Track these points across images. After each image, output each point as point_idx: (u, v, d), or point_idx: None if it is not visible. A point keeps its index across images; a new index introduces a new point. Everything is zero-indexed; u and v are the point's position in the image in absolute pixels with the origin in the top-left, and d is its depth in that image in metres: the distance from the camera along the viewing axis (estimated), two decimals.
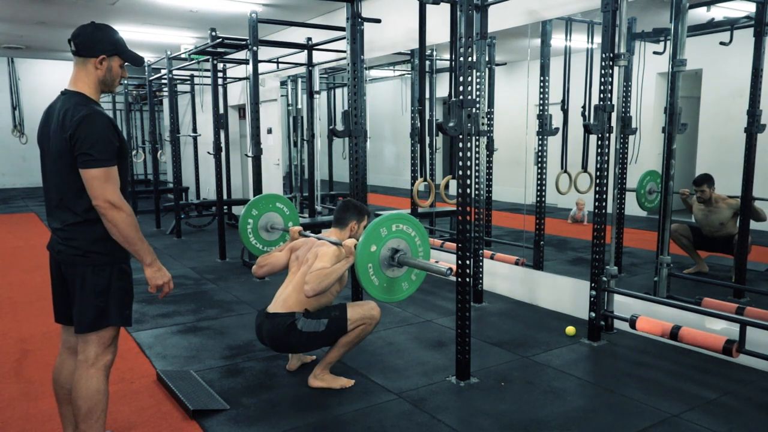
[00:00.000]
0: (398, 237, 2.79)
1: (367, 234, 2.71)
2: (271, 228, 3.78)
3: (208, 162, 7.86)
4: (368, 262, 2.71)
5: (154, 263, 2.14)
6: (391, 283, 2.82)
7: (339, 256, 2.89)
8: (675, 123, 3.80)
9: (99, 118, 2.01)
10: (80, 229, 2.07)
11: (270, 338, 2.95)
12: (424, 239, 2.90)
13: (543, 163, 4.75)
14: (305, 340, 2.91)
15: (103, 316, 2.10)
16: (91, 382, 2.10)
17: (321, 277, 2.77)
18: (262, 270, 3.23)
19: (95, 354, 2.12)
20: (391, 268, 2.79)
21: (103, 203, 1.98)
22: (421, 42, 3.61)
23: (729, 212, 4.44)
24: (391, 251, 2.77)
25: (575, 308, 4.13)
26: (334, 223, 3.15)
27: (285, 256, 3.21)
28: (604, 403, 2.88)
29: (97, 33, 2.10)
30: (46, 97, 11.53)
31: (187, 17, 7.21)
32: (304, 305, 2.94)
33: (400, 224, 2.80)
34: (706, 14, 4.18)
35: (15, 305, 4.55)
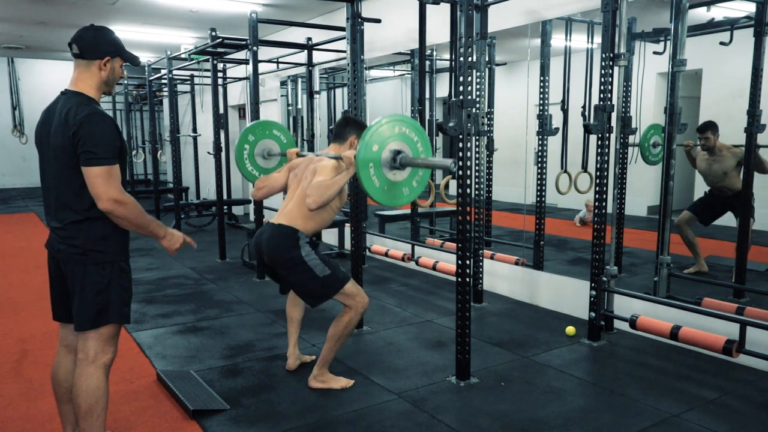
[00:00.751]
0: (400, 140, 2.72)
1: (369, 134, 2.63)
2: (268, 155, 3.68)
3: (208, 162, 7.87)
4: (369, 161, 2.63)
5: (167, 234, 2.24)
6: (392, 186, 2.74)
7: (339, 168, 2.84)
8: (675, 123, 3.80)
9: (102, 118, 2.04)
10: (81, 228, 2.09)
11: (268, 242, 2.89)
12: (426, 145, 2.81)
13: (543, 163, 4.75)
14: (300, 269, 2.84)
15: (103, 314, 2.12)
16: (91, 380, 2.12)
17: (322, 188, 2.72)
18: (261, 192, 3.19)
19: (95, 352, 2.13)
20: (392, 171, 2.72)
21: (108, 201, 2.01)
22: (421, 42, 3.61)
23: (733, 161, 4.38)
24: (392, 153, 2.69)
25: (575, 308, 4.13)
26: (334, 139, 3.10)
27: (283, 177, 3.16)
28: (604, 403, 2.88)
29: (99, 35, 2.14)
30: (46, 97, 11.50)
31: (187, 17, 7.21)
32: (307, 221, 2.90)
33: (403, 126, 2.72)
34: (706, 14, 4.18)
35: (15, 305, 4.55)
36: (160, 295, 4.81)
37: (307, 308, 3.35)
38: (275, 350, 3.56)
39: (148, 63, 8.15)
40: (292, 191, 3.06)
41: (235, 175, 9.09)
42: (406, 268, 5.68)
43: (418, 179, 2.86)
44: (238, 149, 3.60)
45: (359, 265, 3.96)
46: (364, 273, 4.50)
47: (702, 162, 4.61)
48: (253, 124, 3.71)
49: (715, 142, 4.46)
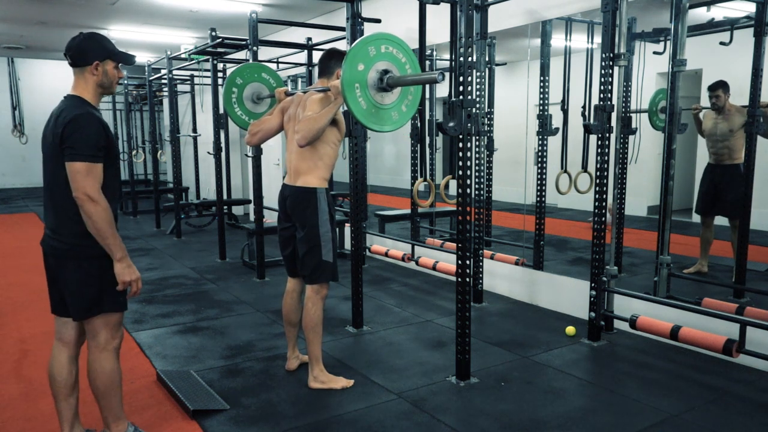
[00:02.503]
0: (388, 60, 2.62)
1: (354, 51, 2.53)
2: (257, 99, 3.59)
3: (208, 162, 7.87)
4: (355, 81, 2.53)
5: (124, 260, 2.22)
6: (379, 109, 2.65)
7: (327, 100, 2.80)
8: (675, 123, 3.80)
9: (88, 118, 2.14)
10: (71, 224, 2.18)
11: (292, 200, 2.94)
12: (414, 65, 2.73)
13: (543, 163, 4.75)
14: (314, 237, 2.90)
15: (97, 304, 2.23)
16: (104, 363, 2.27)
17: (311, 122, 2.68)
18: (256, 137, 3.15)
19: (105, 339, 2.27)
20: (380, 93, 2.63)
21: (82, 195, 2.09)
22: (421, 42, 3.61)
23: (740, 119, 4.34)
24: (379, 73, 2.59)
25: (575, 308, 4.13)
26: (320, 74, 3.03)
27: (277, 119, 3.11)
28: (604, 403, 2.88)
29: (85, 42, 2.23)
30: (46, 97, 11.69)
31: (187, 17, 7.21)
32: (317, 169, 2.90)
33: (390, 46, 2.62)
34: (706, 14, 4.18)
35: (15, 305, 4.55)
36: (160, 295, 4.81)
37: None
38: (275, 350, 3.56)
39: (148, 63, 8.15)
40: (290, 140, 3.02)
41: (235, 175, 9.11)
42: (406, 268, 5.68)
43: (407, 103, 2.76)
44: (225, 93, 3.49)
45: (359, 265, 3.96)
46: (364, 273, 4.51)
47: (708, 122, 4.56)
48: (240, 66, 3.59)
49: (725, 101, 4.42)
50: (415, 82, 2.70)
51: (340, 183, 8.69)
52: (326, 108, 2.74)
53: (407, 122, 2.83)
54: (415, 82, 2.70)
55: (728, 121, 4.45)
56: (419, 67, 2.80)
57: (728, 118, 4.44)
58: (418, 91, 2.81)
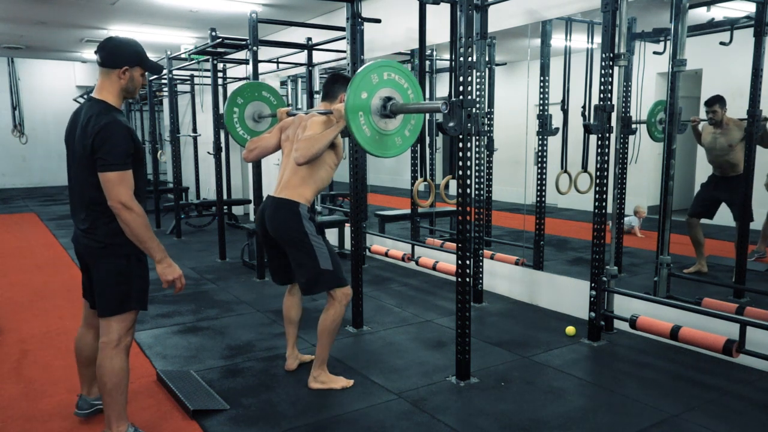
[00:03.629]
0: (390, 86, 2.65)
1: (357, 80, 2.56)
2: (258, 117, 3.62)
3: (208, 162, 7.87)
4: (359, 109, 2.57)
5: (164, 260, 2.31)
6: (382, 136, 2.68)
7: (329, 123, 2.80)
8: (675, 123, 3.80)
9: (118, 127, 2.20)
10: (100, 224, 2.28)
11: (271, 218, 2.89)
12: (417, 91, 2.76)
13: (543, 163, 4.75)
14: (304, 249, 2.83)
15: (125, 302, 2.32)
16: (115, 361, 2.32)
17: (311, 142, 2.68)
18: (252, 153, 3.14)
19: (118, 337, 2.33)
20: (383, 119, 2.66)
21: (117, 204, 2.17)
22: (421, 42, 3.61)
23: (739, 133, 4.37)
24: (383, 100, 2.63)
25: (575, 308, 4.12)
26: (324, 98, 3.05)
27: (275, 137, 3.11)
28: (604, 403, 2.88)
29: (120, 46, 2.30)
30: (46, 97, 11.65)
31: (187, 17, 7.21)
32: (306, 186, 2.88)
33: (392, 73, 2.65)
34: (706, 14, 4.18)
35: (15, 305, 4.55)
36: (160, 295, 4.81)
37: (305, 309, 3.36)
38: (275, 350, 3.56)
39: None
40: (286, 156, 3.01)
41: (235, 175, 9.11)
42: (406, 268, 5.68)
43: (410, 128, 2.78)
44: (227, 113, 3.52)
45: (359, 265, 3.96)
46: (364, 273, 4.50)
47: (707, 136, 4.57)
48: (241, 85, 3.63)
49: (722, 116, 4.44)
50: (419, 111, 2.73)
51: (340, 183, 8.70)
52: (328, 130, 2.76)
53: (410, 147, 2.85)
54: (418, 111, 2.73)
55: (727, 135, 4.47)
56: (421, 92, 2.82)
57: (727, 133, 4.46)
58: (420, 115, 2.82)
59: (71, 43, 9.26)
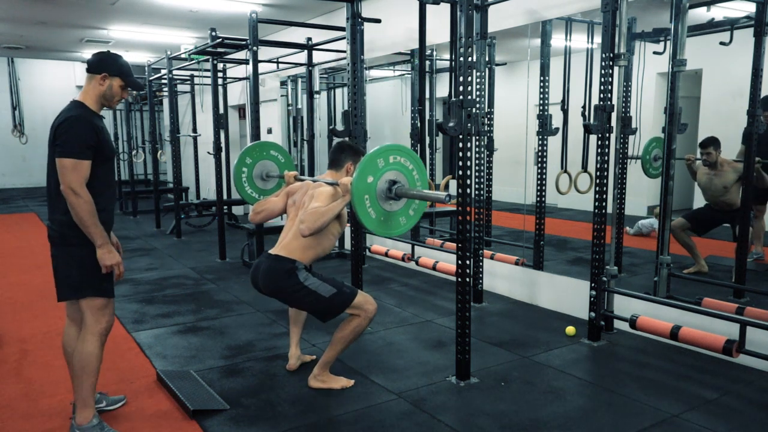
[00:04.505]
0: (396, 169, 2.71)
1: (363, 165, 2.63)
2: (266, 176, 3.69)
3: (208, 162, 7.87)
4: (365, 193, 2.63)
5: (104, 246, 2.40)
6: (388, 216, 2.74)
7: (335, 195, 2.84)
8: (675, 123, 3.80)
9: (79, 120, 2.35)
10: (57, 215, 2.41)
11: (264, 276, 2.89)
12: (422, 172, 2.82)
13: (543, 163, 4.75)
14: (303, 294, 2.83)
15: (79, 288, 2.45)
16: (86, 345, 2.45)
17: (317, 215, 2.71)
18: (259, 216, 3.19)
19: (89, 322, 2.47)
20: (388, 201, 2.71)
21: (66, 188, 2.31)
22: (421, 42, 3.61)
23: (734, 175, 4.39)
24: (388, 183, 2.69)
25: (575, 308, 4.12)
26: (330, 165, 3.11)
27: (281, 201, 3.16)
28: (604, 403, 2.88)
29: (107, 57, 2.50)
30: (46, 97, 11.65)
31: (187, 17, 7.21)
32: (306, 251, 2.90)
33: (398, 156, 2.71)
34: (706, 14, 4.18)
35: (15, 305, 4.55)
36: (160, 295, 4.81)
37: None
38: (275, 350, 3.56)
39: (148, 63, 8.15)
40: (290, 220, 3.07)
41: None
42: (406, 268, 5.67)
43: (414, 207, 2.87)
44: (236, 172, 3.63)
45: (359, 265, 3.96)
46: (364, 273, 4.50)
47: (702, 176, 4.61)
48: (249, 146, 3.72)
49: (717, 158, 4.48)
50: (423, 198, 2.78)
51: None
52: (334, 203, 2.78)
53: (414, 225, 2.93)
54: (422, 198, 2.78)
55: (721, 177, 4.49)
56: (425, 172, 2.88)
57: (721, 175, 4.49)
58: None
59: (71, 43, 9.26)
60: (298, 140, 7.31)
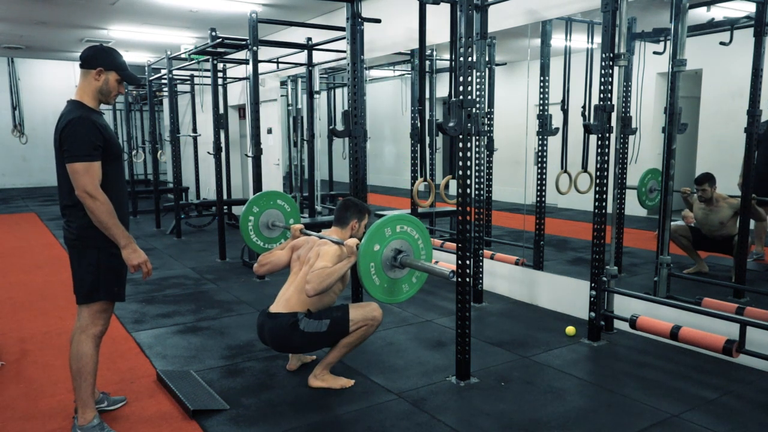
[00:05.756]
0: (401, 238, 2.80)
1: (371, 233, 2.71)
2: (272, 225, 3.80)
3: (208, 162, 7.87)
4: (371, 261, 2.72)
5: (129, 245, 2.41)
6: (392, 284, 2.83)
7: (341, 255, 2.89)
8: (675, 123, 3.80)
9: (82, 121, 2.33)
10: (75, 216, 2.39)
11: (272, 338, 2.95)
12: (427, 242, 2.91)
13: (543, 163, 4.75)
14: (307, 340, 2.91)
15: (94, 292, 2.44)
16: (81, 346, 2.45)
17: (323, 276, 2.76)
18: (264, 269, 3.23)
19: (86, 323, 2.46)
20: (393, 270, 2.81)
21: (82, 193, 2.30)
22: (421, 42, 3.60)
23: (729, 212, 4.43)
24: (394, 252, 2.78)
25: (575, 308, 4.13)
26: (335, 223, 3.16)
27: (286, 255, 3.21)
28: (604, 403, 2.88)
29: (99, 50, 2.45)
30: (46, 97, 11.63)
31: (187, 17, 7.21)
32: (306, 305, 2.94)
33: (404, 225, 2.81)
34: (706, 14, 4.18)
35: (15, 305, 4.55)
36: (160, 295, 4.81)
37: None
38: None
39: (148, 63, 8.15)
40: (294, 274, 3.09)
41: (235, 175, 9.10)
42: None
43: (417, 275, 2.94)
44: (243, 221, 3.72)
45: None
46: None
47: (699, 211, 4.63)
48: (257, 195, 3.81)
49: (712, 194, 4.49)
50: (426, 271, 2.82)
51: (340, 183, 8.71)
52: (339, 264, 2.83)
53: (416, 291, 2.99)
54: (426, 271, 2.82)
55: (717, 213, 4.50)
56: (430, 242, 2.95)
57: (717, 211, 4.50)
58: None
59: (71, 43, 9.26)
60: (298, 140, 7.30)
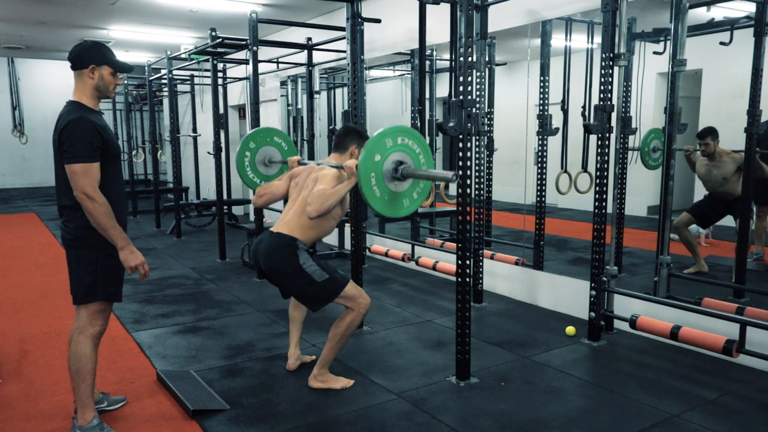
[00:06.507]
0: (402, 150, 2.74)
1: (372, 143, 2.66)
2: (269, 162, 3.70)
3: (208, 162, 7.87)
4: (371, 171, 2.66)
5: (127, 247, 2.41)
6: (393, 197, 2.77)
7: (340, 177, 2.86)
8: (675, 123, 3.80)
9: (81, 122, 2.32)
10: (73, 216, 2.39)
11: (265, 254, 2.89)
12: (428, 156, 2.85)
13: (543, 163, 4.75)
14: (296, 276, 2.84)
15: (91, 292, 2.43)
16: (79, 346, 2.45)
17: (323, 197, 2.73)
18: (262, 199, 3.20)
19: (84, 324, 2.47)
20: (394, 182, 2.75)
21: (81, 194, 2.29)
22: (421, 42, 3.61)
23: (732, 166, 4.38)
24: (395, 164, 2.72)
25: (575, 308, 4.12)
26: (335, 148, 3.12)
27: (284, 184, 3.17)
28: (604, 403, 2.88)
29: (85, 48, 2.43)
30: (46, 97, 11.64)
31: (187, 17, 7.21)
32: (307, 231, 2.91)
33: (405, 138, 2.75)
34: (706, 14, 4.18)
35: (15, 305, 4.55)
36: (160, 295, 4.81)
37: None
38: (275, 350, 3.56)
39: (148, 63, 8.15)
40: (292, 200, 3.07)
41: (235, 175, 9.08)
42: (406, 268, 5.68)
43: (419, 191, 2.90)
44: (239, 157, 3.62)
45: (359, 265, 3.96)
46: (364, 273, 4.50)
47: (701, 167, 4.60)
48: (253, 131, 3.71)
49: (715, 148, 4.45)
50: (429, 178, 2.81)
51: None
52: (340, 186, 2.80)
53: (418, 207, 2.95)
54: (428, 178, 2.81)
55: (720, 168, 4.47)
56: (431, 155, 2.90)
57: (720, 166, 4.47)
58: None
59: (71, 43, 9.20)
60: (298, 140, 7.31)
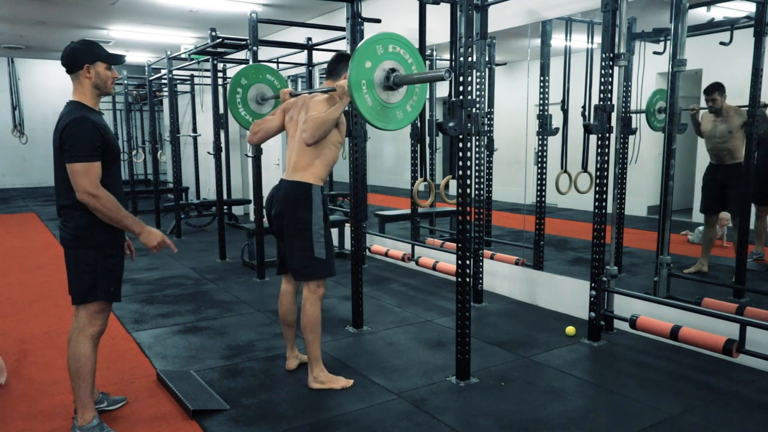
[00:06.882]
0: (394, 59, 2.66)
1: (362, 49, 2.57)
2: (261, 100, 3.63)
3: (208, 162, 7.87)
4: (362, 78, 2.56)
5: (143, 230, 2.47)
6: (385, 108, 2.69)
7: (332, 100, 2.83)
8: (675, 123, 3.80)
9: (82, 122, 2.32)
10: (73, 216, 2.39)
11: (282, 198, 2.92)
12: (420, 66, 2.77)
13: (543, 163, 4.75)
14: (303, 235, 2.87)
15: (91, 292, 2.44)
16: (78, 347, 2.45)
17: (318, 121, 2.71)
18: (257, 136, 3.17)
19: (83, 324, 2.47)
20: (386, 91, 2.67)
21: (83, 194, 2.30)
22: (421, 42, 3.60)
23: (739, 120, 4.35)
24: (386, 72, 2.64)
25: (575, 308, 4.13)
26: (327, 75, 3.07)
27: (278, 118, 3.14)
28: (604, 403, 2.88)
29: (75, 49, 2.42)
30: (46, 97, 11.66)
31: (187, 17, 7.21)
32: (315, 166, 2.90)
33: (397, 47, 2.67)
34: (706, 14, 4.18)
35: (15, 305, 4.55)
36: (160, 295, 4.81)
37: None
38: (275, 350, 3.56)
39: (148, 63, 8.15)
40: (291, 137, 3.04)
41: (235, 175, 9.10)
42: (406, 268, 5.68)
43: (412, 103, 2.80)
44: (230, 93, 3.52)
45: (359, 265, 3.96)
46: (364, 273, 4.50)
47: (708, 123, 4.55)
48: (245, 67, 3.62)
49: (722, 104, 4.41)
50: (422, 80, 2.72)
51: (340, 183, 8.70)
52: (333, 108, 2.77)
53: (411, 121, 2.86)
54: (421, 80, 2.72)
55: (727, 122, 4.44)
56: (423, 65, 2.83)
57: (727, 120, 4.44)
58: (423, 91, 2.83)
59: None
60: None
